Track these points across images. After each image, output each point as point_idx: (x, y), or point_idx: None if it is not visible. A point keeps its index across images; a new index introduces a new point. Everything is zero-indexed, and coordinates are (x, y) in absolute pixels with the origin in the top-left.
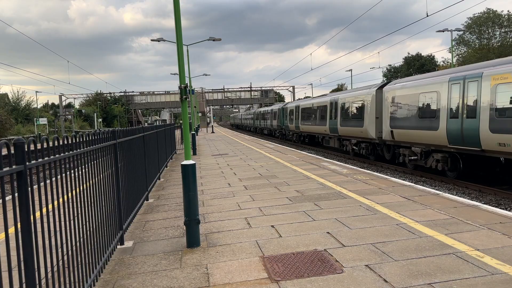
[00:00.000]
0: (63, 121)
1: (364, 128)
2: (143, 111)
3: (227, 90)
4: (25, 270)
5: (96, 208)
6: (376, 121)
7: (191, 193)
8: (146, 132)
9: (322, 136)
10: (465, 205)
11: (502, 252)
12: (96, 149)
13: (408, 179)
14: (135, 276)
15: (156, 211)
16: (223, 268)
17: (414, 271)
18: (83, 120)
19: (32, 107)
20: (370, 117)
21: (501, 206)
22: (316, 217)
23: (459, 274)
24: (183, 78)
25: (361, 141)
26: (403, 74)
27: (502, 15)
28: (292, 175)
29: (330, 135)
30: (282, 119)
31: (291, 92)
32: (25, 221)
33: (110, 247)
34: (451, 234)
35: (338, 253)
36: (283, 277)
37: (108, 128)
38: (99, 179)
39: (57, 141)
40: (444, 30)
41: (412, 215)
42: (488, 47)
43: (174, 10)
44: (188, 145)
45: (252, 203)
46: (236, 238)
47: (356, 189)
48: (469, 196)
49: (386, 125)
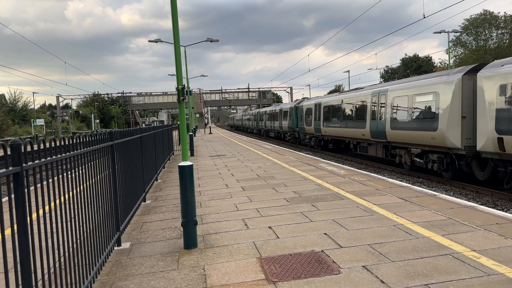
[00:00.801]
0: (60, 122)
1: (438, 133)
2: (140, 112)
3: (224, 91)
4: (22, 272)
5: (93, 209)
6: (462, 122)
7: (189, 194)
8: (144, 133)
9: (356, 142)
10: (462, 206)
11: (498, 253)
12: (93, 150)
13: (405, 180)
14: (132, 277)
15: (154, 212)
16: (220, 269)
17: (411, 272)
18: (81, 121)
19: (29, 108)
20: (450, 117)
21: (497, 207)
22: (314, 218)
23: (456, 275)
24: (181, 79)
25: (430, 151)
26: (400, 75)
27: (499, 17)
28: (289, 176)
29: (371, 140)
30: (295, 119)
31: (289, 93)
32: (21, 222)
33: (107, 248)
34: (447, 235)
35: (335, 254)
36: (280, 278)
37: (105, 129)
38: (96, 181)
39: (54, 142)
40: (441, 31)
41: (409, 216)
42: (485, 48)
43: (172, 11)
44: (186, 146)
45: (249, 204)
46: (234, 239)
47: (353, 190)
48: (466, 197)
49: (486, 129)
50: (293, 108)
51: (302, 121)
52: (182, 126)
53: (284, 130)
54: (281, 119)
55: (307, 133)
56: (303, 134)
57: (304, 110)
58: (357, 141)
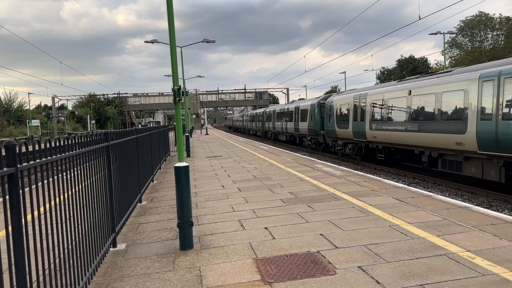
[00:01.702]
0: (55, 122)
1: None
2: (136, 113)
3: (221, 92)
4: (16, 273)
5: (88, 210)
6: None
7: (185, 195)
8: (140, 134)
9: (438, 153)
10: (457, 207)
11: (493, 253)
12: (88, 151)
13: (401, 181)
14: (128, 278)
15: (149, 213)
16: (216, 270)
17: (406, 273)
18: (76, 121)
19: (24, 109)
20: None
21: (492, 208)
22: (310, 219)
23: (451, 275)
24: (177, 80)
25: None
26: (396, 76)
27: (494, 18)
28: (286, 177)
29: (478, 154)
30: (319, 120)
31: (285, 94)
32: (16, 223)
33: (102, 249)
34: (443, 236)
35: (331, 254)
36: (276, 279)
37: (101, 130)
38: (91, 181)
39: (49, 143)
40: (436, 32)
41: (405, 217)
42: (480, 49)
43: (168, 12)
44: (182, 147)
45: (245, 205)
46: (230, 240)
47: (349, 191)
48: (461, 197)
49: None
50: (315, 106)
51: (332, 122)
52: (178, 127)
53: (302, 134)
54: (297, 119)
55: (339, 138)
56: (333, 139)
57: (335, 108)
58: (441, 152)
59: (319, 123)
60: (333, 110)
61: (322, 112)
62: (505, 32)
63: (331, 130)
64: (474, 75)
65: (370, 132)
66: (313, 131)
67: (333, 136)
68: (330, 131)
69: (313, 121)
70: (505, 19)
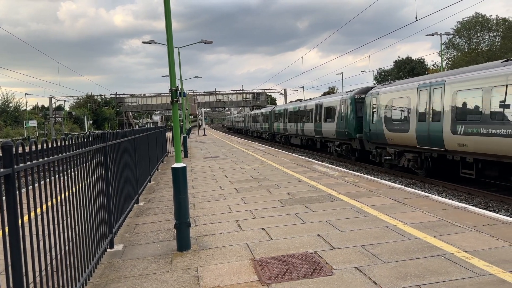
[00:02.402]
0: (53, 123)
1: None
2: (134, 114)
3: (219, 93)
4: (13, 274)
5: (85, 211)
6: None
7: (182, 196)
8: (137, 134)
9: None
10: (454, 207)
11: (489, 253)
12: (85, 152)
13: (398, 181)
14: (125, 279)
15: (147, 214)
16: (214, 271)
17: (403, 273)
18: (73, 122)
19: (21, 109)
20: None
21: (489, 208)
22: (307, 220)
23: (448, 276)
24: (174, 81)
25: None
26: (394, 77)
27: (491, 20)
28: (283, 178)
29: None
30: (354, 120)
31: (283, 94)
32: (13, 224)
33: (99, 250)
34: (439, 236)
35: (328, 255)
36: (274, 280)
37: (98, 131)
38: (88, 182)
39: (46, 144)
40: (433, 34)
41: (402, 218)
42: (477, 51)
43: (165, 13)
44: (179, 147)
45: (243, 206)
46: (227, 241)
47: (346, 191)
48: (458, 198)
49: None
50: (348, 102)
51: (378, 123)
52: (175, 128)
53: (327, 137)
54: (319, 119)
55: (390, 144)
56: (377, 145)
57: (383, 104)
58: None
59: (354, 124)
60: (379, 106)
61: (358, 110)
62: (501, 33)
63: (375, 133)
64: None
65: (452, 138)
66: (344, 134)
67: (378, 142)
68: (374, 135)
69: (344, 121)
70: (501, 20)
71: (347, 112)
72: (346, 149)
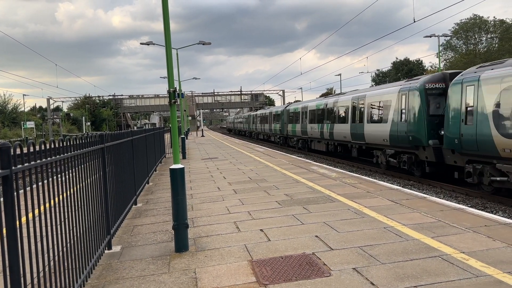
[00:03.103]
0: (50, 124)
1: None
2: (132, 115)
3: (217, 94)
4: (11, 276)
5: (83, 212)
6: None
7: (180, 197)
8: (135, 136)
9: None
10: (452, 208)
11: (486, 254)
12: (83, 153)
13: (396, 182)
14: (123, 281)
15: (145, 216)
16: (212, 272)
17: (400, 274)
18: (71, 123)
19: (19, 111)
20: None
21: (487, 210)
22: (305, 221)
23: (445, 277)
24: (172, 82)
25: None
26: (392, 78)
27: (488, 21)
28: (281, 179)
29: None
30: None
31: (281, 96)
32: (10, 226)
33: (97, 252)
34: (437, 237)
35: (326, 256)
36: (272, 281)
37: (96, 132)
38: (86, 184)
39: (43, 145)
40: (431, 35)
41: (399, 219)
42: (475, 52)
43: (163, 14)
44: (177, 149)
45: (241, 207)
46: (225, 242)
47: (344, 192)
48: (455, 199)
49: None
50: (416, 94)
51: (482, 125)
52: (173, 129)
53: (373, 143)
54: (361, 118)
55: (506, 158)
56: (477, 159)
57: (487, 95)
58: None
59: (425, 126)
60: (482, 98)
61: (430, 106)
62: (499, 35)
63: (472, 139)
64: None
65: None
66: (405, 140)
67: (478, 153)
68: (470, 142)
69: (405, 121)
70: (499, 22)
71: (412, 109)
72: (408, 161)
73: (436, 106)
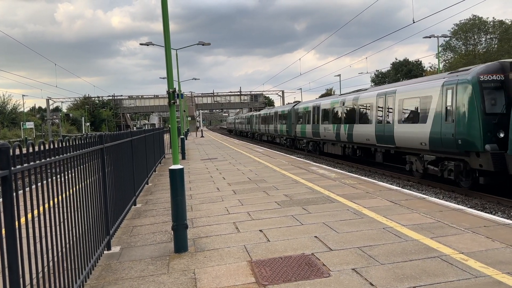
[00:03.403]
0: (50, 125)
1: None
2: (131, 115)
3: (216, 94)
4: (10, 276)
5: (82, 213)
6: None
7: (179, 198)
8: (134, 136)
9: None
10: (451, 209)
11: (486, 255)
12: (83, 153)
13: (395, 183)
14: (122, 281)
15: (144, 216)
16: (211, 273)
17: (400, 275)
18: (71, 124)
19: (18, 111)
20: None
21: (486, 210)
22: (304, 221)
23: (444, 277)
24: (171, 83)
25: None
26: (391, 79)
27: (488, 22)
28: (280, 180)
29: None
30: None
31: (281, 96)
32: (9, 226)
33: (96, 252)
34: (436, 238)
35: (325, 257)
36: (271, 282)
37: (95, 132)
38: (86, 184)
39: (43, 145)
40: (430, 36)
41: (399, 219)
42: (474, 53)
43: (163, 14)
44: (176, 149)
45: (240, 207)
46: (224, 242)
47: (344, 193)
48: (455, 200)
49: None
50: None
51: None
52: (173, 130)
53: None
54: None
55: None
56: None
57: None
58: None
59: (480, 127)
60: None
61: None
62: (498, 35)
63: None
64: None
65: None
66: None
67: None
68: None
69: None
70: (498, 22)
71: (462, 106)
72: (455, 170)
73: (491, 102)
